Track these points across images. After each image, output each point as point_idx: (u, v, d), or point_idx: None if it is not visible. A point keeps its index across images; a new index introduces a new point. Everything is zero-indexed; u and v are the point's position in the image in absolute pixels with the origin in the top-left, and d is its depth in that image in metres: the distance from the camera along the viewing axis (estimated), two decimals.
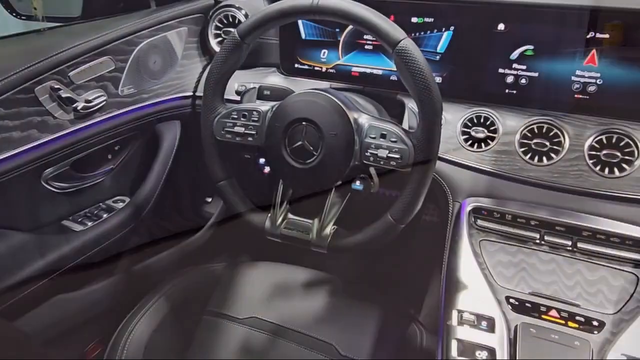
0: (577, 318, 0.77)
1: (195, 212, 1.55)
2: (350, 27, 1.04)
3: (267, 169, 0.91)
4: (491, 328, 0.76)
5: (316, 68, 1.10)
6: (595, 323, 0.76)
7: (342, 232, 0.83)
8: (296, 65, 1.12)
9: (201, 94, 0.89)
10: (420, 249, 1.45)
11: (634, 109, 0.87)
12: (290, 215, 0.87)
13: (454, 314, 0.79)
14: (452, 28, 0.96)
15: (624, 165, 0.86)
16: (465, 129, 0.97)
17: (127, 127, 1.09)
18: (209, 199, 1.58)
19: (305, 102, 0.80)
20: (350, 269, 1.60)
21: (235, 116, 0.85)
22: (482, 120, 0.96)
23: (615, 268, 0.83)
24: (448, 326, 0.78)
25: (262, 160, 0.91)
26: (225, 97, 0.88)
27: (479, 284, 0.82)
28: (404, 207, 0.76)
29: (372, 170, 0.83)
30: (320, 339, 0.97)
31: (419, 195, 0.75)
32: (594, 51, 0.87)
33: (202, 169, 0.92)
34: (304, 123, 0.79)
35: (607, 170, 0.87)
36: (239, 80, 1.12)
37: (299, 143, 0.79)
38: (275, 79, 1.14)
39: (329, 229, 0.83)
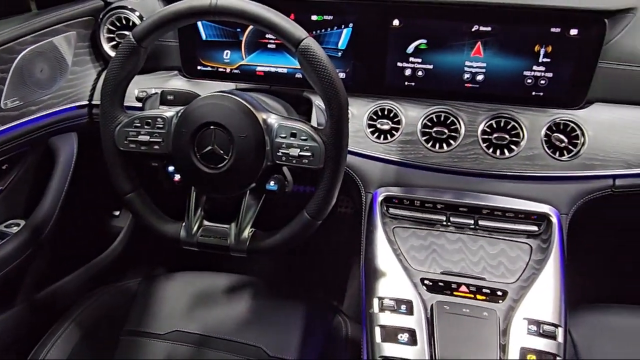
0: (484, 290, 0.84)
1: (103, 228, 1.46)
2: (252, 26, 1.03)
3: (177, 177, 0.88)
4: (410, 310, 0.80)
5: (220, 69, 1.08)
6: (499, 293, 0.83)
7: (260, 234, 0.83)
8: (199, 67, 1.09)
9: (98, 103, 0.83)
10: (337, 242, 1.48)
11: (516, 95, 0.96)
12: (205, 222, 0.85)
13: (375, 301, 0.82)
14: (350, 25, 0.99)
15: (512, 146, 0.95)
16: (371, 122, 1.00)
17: (15, 143, 0.99)
18: (117, 212, 1.49)
19: (211, 105, 0.78)
20: (271, 269, 1.60)
21: (138, 124, 0.81)
22: (386, 113, 1.00)
23: (512, 240, 0.92)
24: (370, 314, 0.81)
25: (171, 168, 0.88)
26: (126, 104, 0.83)
27: (396, 269, 0.86)
28: (319, 203, 0.77)
29: (285, 169, 0.83)
30: (248, 343, 0.96)
31: (333, 191, 0.77)
32: (479, 43, 0.95)
33: (106, 182, 0.87)
34: (212, 127, 0.77)
35: (498, 152, 0.95)
36: (139, 85, 1.06)
37: (209, 148, 0.77)
38: (177, 83, 1.10)
39: (246, 233, 0.83)
